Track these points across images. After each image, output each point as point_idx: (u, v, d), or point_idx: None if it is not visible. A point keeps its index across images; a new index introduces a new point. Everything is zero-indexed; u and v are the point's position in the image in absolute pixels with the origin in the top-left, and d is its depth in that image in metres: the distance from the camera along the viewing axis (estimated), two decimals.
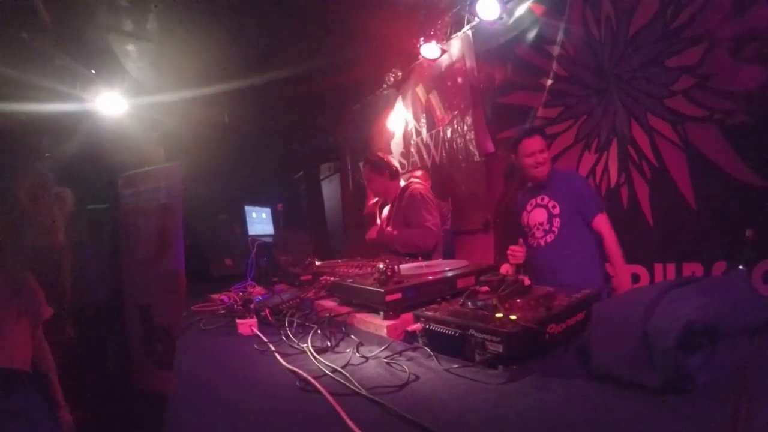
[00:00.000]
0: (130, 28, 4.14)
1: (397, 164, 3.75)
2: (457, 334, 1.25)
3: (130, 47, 4.45)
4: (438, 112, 5.13)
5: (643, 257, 3.21)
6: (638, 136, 3.24)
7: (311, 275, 2.60)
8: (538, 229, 2.87)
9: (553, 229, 2.80)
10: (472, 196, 4.76)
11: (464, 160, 4.81)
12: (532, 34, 3.90)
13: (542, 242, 2.84)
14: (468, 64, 4.53)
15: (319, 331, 1.62)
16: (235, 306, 2.16)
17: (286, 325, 1.73)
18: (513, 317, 1.21)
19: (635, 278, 3.25)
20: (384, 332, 1.58)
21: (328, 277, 2.26)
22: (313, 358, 1.36)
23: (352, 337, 1.56)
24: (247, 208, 5.28)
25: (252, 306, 1.95)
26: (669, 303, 1.06)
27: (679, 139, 3.03)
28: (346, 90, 6.14)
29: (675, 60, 2.98)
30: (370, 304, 1.76)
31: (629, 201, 3.31)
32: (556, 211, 2.79)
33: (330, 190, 8.46)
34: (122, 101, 4.96)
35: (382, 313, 1.64)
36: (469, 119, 4.66)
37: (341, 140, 7.41)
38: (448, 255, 4.54)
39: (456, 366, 1.20)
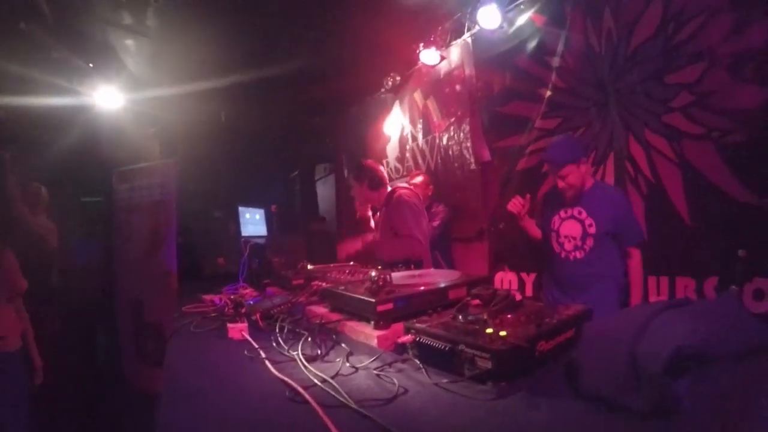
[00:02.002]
0: (129, 23, 4.12)
1: (384, 172, 3.70)
2: (447, 348, 1.24)
3: (129, 42, 4.43)
4: (435, 119, 5.14)
5: None
6: (635, 150, 3.26)
7: (303, 279, 2.59)
8: (568, 241, 2.88)
9: (585, 247, 2.82)
10: (467, 204, 4.76)
11: (460, 167, 4.82)
12: (532, 45, 3.91)
13: (570, 256, 2.87)
14: (467, 71, 4.54)
15: (309, 339, 1.61)
16: (226, 309, 2.15)
17: (277, 330, 1.72)
18: (503, 333, 1.21)
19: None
20: (374, 342, 1.57)
21: (319, 283, 2.26)
22: (303, 367, 1.35)
23: (343, 345, 1.55)
24: (241, 209, 5.26)
25: (243, 310, 1.94)
26: (659, 326, 1.06)
27: (675, 155, 3.04)
28: (344, 92, 6.15)
29: (674, 76, 3.00)
30: (361, 313, 1.76)
31: None
32: (592, 230, 2.80)
33: (324, 190, 8.45)
34: (119, 96, 4.96)
35: (372, 322, 1.64)
36: (466, 127, 4.67)
37: (337, 142, 7.42)
38: (444, 257, 4.55)
39: (445, 381, 1.20)
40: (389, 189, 3.52)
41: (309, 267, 2.93)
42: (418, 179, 4.73)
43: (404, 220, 3.25)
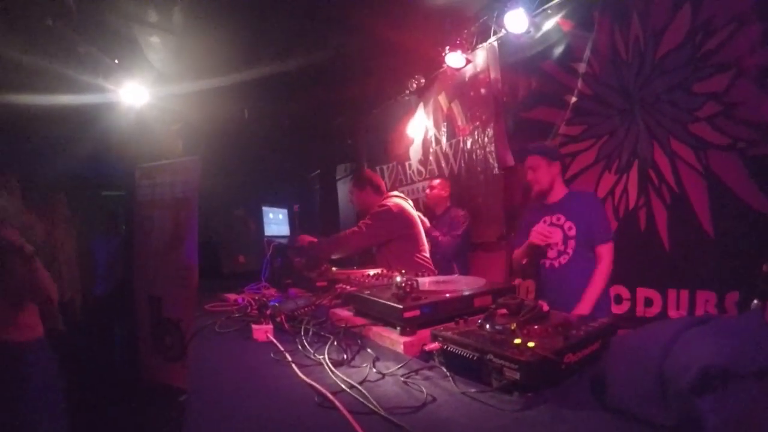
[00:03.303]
0: (155, 20, 4.17)
1: (382, 181, 3.87)
2: (474, 358, 1.25)
3: (154, 38, 4.48)
4: (459, 122, 5.14)
5: (657, 281, 3.21)
6: (660, 159, 3.23)
7: (327, 282, 2.62)
8: (551, 249, 2.85)
9: (568, 250, 2.80)
10: (489, 209, 4.76)
11: (483, 171, 4.82)
12: (558, 50, 3.89)
13: (555, 263, 2.84)
14: (492, 75, 4.53)
15: (335, 343, 1.63)
16: (250, 309, 2.17)
17: (302, 333, 1.74)
18: (531, 344, 1.21)
19: (648, 302, 3.25)
20: (400, 348, 1.57)
21: (344, 286, 2.26)
22: (330, 372, 1.36)
23: (368, 350, 1.56)
24: (265, 209, 5.30)
25: (268, 312, 1.95)
26: (686, 342, 1.05)
27: (701, 165, 3.01)
28: (368, 93, 6.16)
29: (701, 86, 2.97)
30: (386, 318, 1.76)
31: (647, 224, 3.31)
32: (572, 232, 2.78)
33: (345, 191, 8.44)
34: (144, 92, 5.01)
35: (399, 328, 1.64)
36: (490, 131, 4.67)
37: (359, 142, 7.43)
38: (461, 265, 4.56)
39: (473, 390, 1.20)
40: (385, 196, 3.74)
41: (333, 269, 2.96)
42: (436, 182, 4.87)
43: (368, 220, 3.55)
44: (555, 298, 2.76)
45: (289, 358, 1.50)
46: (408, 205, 3.75)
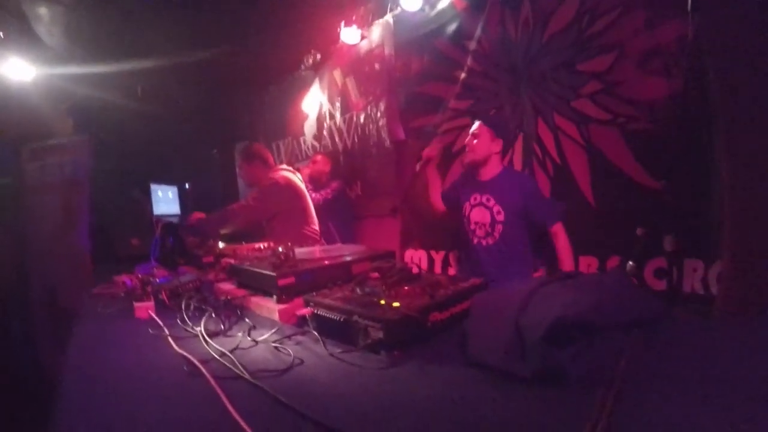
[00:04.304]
0: None
1: (270, 155, 3.90)
2: (342, 320, 1.29)
3: (42, 10, 4.17)
4: (353, 97, 5.19)
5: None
6: (544, 134, 3.41)
7: (213, 257, 2.61)
8: (479, 227, 2.96)
9: (494, 234, 2.90)
10: (382, 182, 4.88)
11: (375, 146, 4.91)
12: (451, 28, 4.01)
13: (483, 242, 2.95)
14: (387, 51, 4.61)
15: (213, 315, 1.63)
16: (136, 290, 2.11)
17: (183, 308, 1.72)
18: (396, 304, 1.27)
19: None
20: (276, 316, 1.60)
21: (228, 260, 2.26)
22: (204, 342, 1.36)
23: (246, 320, 1.58)
24: (154, 186, 5.08)
25: (149, 289, 1.91)
26: (543, 297, 1.13)
27: (582, 139, 3.20)
28: (264, 69, 6.07)
29: (585, 65, 3.15)
30: (264, 288, 1.79)
31: None
32: (500, 217, 2.88)
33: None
34: (30, 68, 4.65)
35: (275, 296, 1.66)
36: (382, 105, 4.75)
37: (256, 120, 7.32)
38: (340, 230, 4.73)
39: (339, 351, 1.25)
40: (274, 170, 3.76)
41: (220, 245, 2.95)
42: (318, 158, 5.14)
43: (255, 193, 3.62)
44: (481, 275, 2.94)
45: (167, 332, 1.49)
46: (296, 178, 3.79)
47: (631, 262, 2.59)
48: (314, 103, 5.91)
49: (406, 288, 1.44)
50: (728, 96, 2.33)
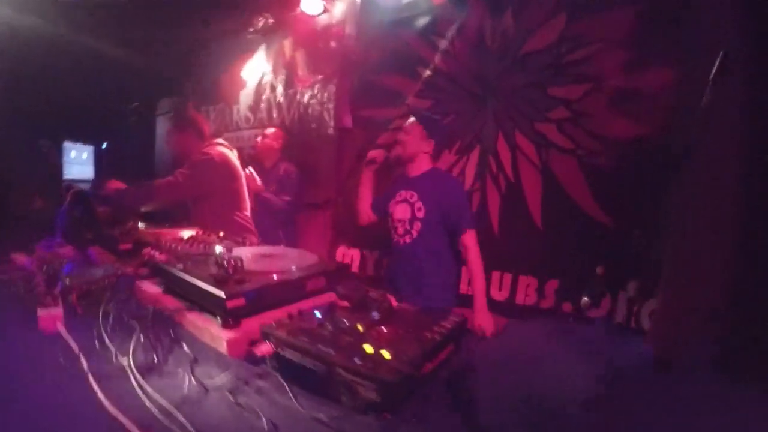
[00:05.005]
0: None
1: (207, 125, 3.48)
2: (321, 371, 1.05)
3: None
4: (300, 72, 4.83)
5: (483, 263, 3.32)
6: (502, 149, 3.34)
7: (132, 244, 2.15)
8: (400, 224, 2.75)
9: (413, 231, 2.70)
10: (320, 169, 4.56)
11: (317, 129, 4.61)
12: (423, 21, 3.79)
13: (401, 241, 2.75)
14: (347, 30, 4.29)
15: (141, 336, 1.28)
16: (37, 285, 1.63)
17: (100, 318, 1.36)
18: (386, 356, 1.05)
19: (470, 282, 3.34)
20: (224, 347, 1.28)
21: (152, 252, 1.86)
22: (136, 385, 1.04)
23: (184, 347, 1.27)
24: (67, 145, 4.41)
25: (57, 290, 1.51)
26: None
27: (540, 162, 3.17)
28: (205, 22, 5.31)
29: (557, 90, 3.10)
30: (203, 303, 1.46)
31: (479, 207, 3.43)
32: (420, 214, 2.68)
33: (164, 129, 7.17)
34: None
35: (218, 319, 1.35)
36: (332, 88, 4.45)
37: (189, 77, 6.67)
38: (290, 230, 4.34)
39: (322, 415, 0.98)
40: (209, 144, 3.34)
41: (140, 226, 2.50)
42: (270, 131, 4.52)
43: (186, 169, 3.15)
44: (399, 275, 2.76)
45: (85, 365, 1.12)
46: (233, 156, 3.39)
47: (586, 298, 2.58)
48: (255, 71, 5.45)
49: (385, 330, 1.22)
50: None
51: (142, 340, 1.27)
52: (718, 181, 2.23)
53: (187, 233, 2.28)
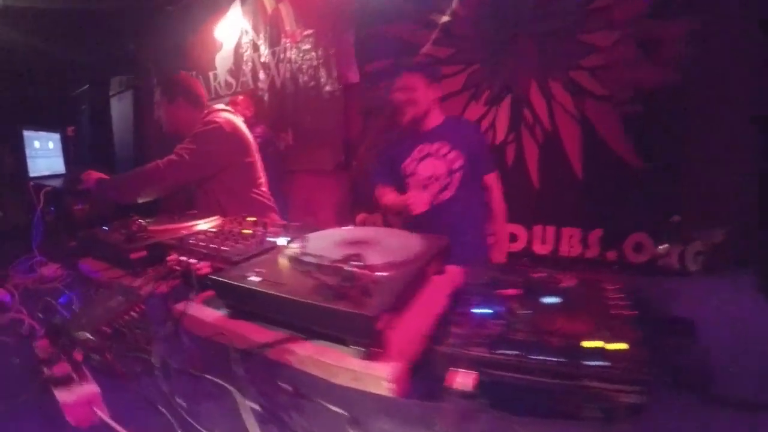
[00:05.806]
0: None
1: (202, 89, 2.95)
2: (553, 387, 0.82)
3: None
4: (288, 27, 4.46)
5: (523, 218, 3.25)
6: (536, 99, 3.24)
7: (146, 250, 1.63)
8: (432, 182, 2.55)
9: (454, 183, 2.53)
10: (322, 132, 4.28)
11: (315, 88, 4.29)
12: None
13: (436, 200, 2.54)
14: None
15: (243, 397, 0.82)
16: (38, 342, 0.99)
17: (160, 378, 0.88)
18: (621, 347, 0.85)
19: (512, 237, 3.29)
20: (381, 386, 0.90)
21: (185, 259, 1.42)
22: None
23: (324, 404, 0.82)
24: (28, 135, 3.71)
25: (79, 357, 0.93)
26: None
27: (577, 111, 3.12)
28: None
29: (589, 37, 3.02)
30: (313, 328, 1.05)
31: (515, 160, 3.35)
32: (459, 164, 2.51)
33: (121, 110, 6.78)
34: None
35: (356, 347, 0.98)
36: (329, 42, 4.13)
37: (145, 47, 6.10)
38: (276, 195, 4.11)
39: None
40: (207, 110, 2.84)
41: (144, 223, 1.83)
42: (239, 98, 4.32)
43: (189, 143, 2.62)
44: (452, 229, 2.59)
45: None
46: (240, 123, 2.90)
47: (666, 245, 2.87)
48: (233, 30, 5.03)
49: (561, 314, 0.99)
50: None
51: (247, 404, 0.80)
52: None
53: (205, 224, 1.91)
